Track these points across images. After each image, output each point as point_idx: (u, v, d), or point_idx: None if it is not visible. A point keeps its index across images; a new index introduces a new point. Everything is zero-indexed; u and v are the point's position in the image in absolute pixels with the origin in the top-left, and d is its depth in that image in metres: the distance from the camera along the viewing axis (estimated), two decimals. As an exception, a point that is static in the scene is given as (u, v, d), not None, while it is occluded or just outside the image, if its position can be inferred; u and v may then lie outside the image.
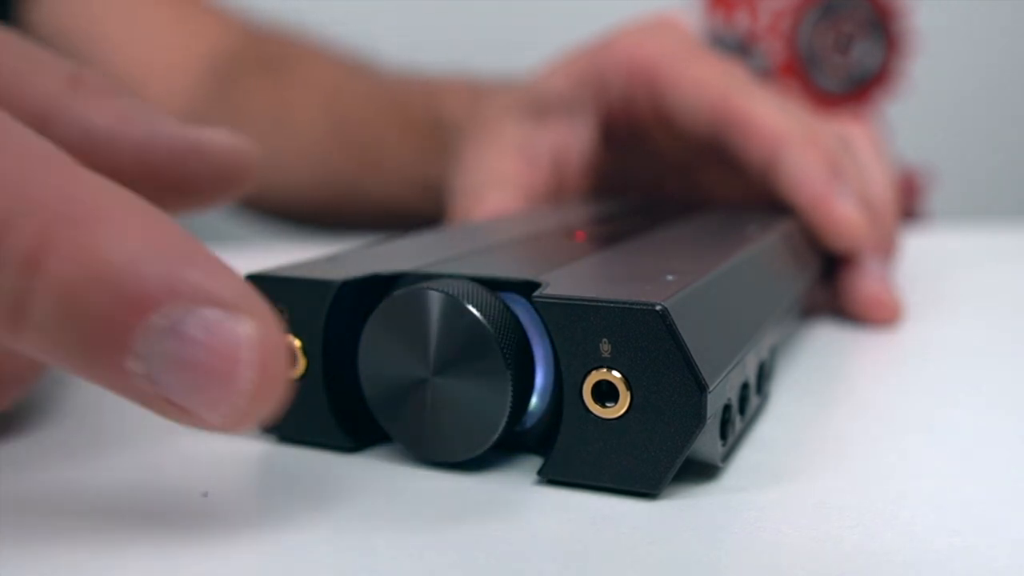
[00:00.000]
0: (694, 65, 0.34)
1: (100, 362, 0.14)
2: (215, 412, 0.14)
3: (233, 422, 0.14)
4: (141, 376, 0.14)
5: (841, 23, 0.74)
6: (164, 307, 0.13)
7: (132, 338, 0.14)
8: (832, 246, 0.31)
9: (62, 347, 0.14)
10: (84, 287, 0.13)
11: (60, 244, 0.13)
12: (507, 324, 0.18)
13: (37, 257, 0.13)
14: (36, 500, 0.17)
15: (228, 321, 0.14)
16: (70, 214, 0.14)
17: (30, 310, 0.14)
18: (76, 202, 0.14)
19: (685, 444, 0.17)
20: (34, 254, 0.13)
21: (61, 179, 0.14)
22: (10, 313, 0.14)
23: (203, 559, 0.15)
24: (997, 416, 0.23)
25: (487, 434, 0.18)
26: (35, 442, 0.20)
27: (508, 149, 0.38)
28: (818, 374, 0.26)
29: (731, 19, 0.72)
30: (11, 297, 0.14)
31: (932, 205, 0.78)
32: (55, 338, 0.14)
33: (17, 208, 0.13)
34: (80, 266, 0.13)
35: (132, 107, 0.21)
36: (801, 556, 0.15)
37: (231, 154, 0.22)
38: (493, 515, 0.17)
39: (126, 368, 0.14)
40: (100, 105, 0.20)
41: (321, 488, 0.18)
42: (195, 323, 0.14)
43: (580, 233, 0.26)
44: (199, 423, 0.14)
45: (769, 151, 0.32)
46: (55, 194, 0.14)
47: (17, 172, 0.14)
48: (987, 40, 0.78)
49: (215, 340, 0.14)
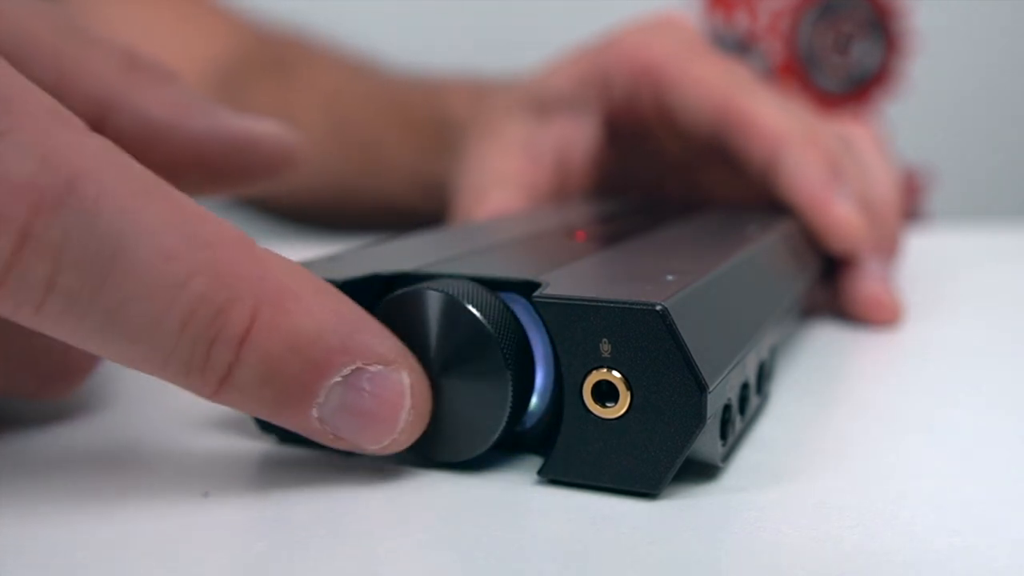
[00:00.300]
0: (697, 65, 0.34)
1: (288, 412, 0.17)
2: (376, 445, 0.17)
3: (388, 450, 0.17)
4: (323, 421, 0.17)
5: (840, 23, 0.74)
6: (343, 368, 0.16)
7: (318, 393, 0.16)
8: (831, 248, 0.31)
9: (257, 402, 0.17)
10: (282, 356, 0.16)
11: (265, 323, 0.16)
12: (507, 324, 0.18)
13: (250, 333, 0.16)
14: (36, 499, 0.17)
15: (391, 374, 0.17)
16: (270, 297, 0.16)
17: (236, 376, 0.16)
18: (271, 284, 0.16)
19: (685, 444, 0.17)
20: (245, 333, 0.16)
21: (256, 264, 0.16)
22: (220, 380, 0.16)
23: (203, 559, 0.15)
24: (997, 416, 0.23)
25: (487, 434, 0.18)
26: (35, 442, 0.20)
27: (511, 148, 0.38)
28: (818, 374, 0.26)
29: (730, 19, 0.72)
30: (223, 368, 0.16)
31: (932, 205, 0.78)
32: (253, 396, 0.16)
33: (231, 294, 0.16)
34: (280, 341, 0.16)
35: (188, 97, 0.22)
36: (801, 556, 0.15)
37: (281, 145, 0.24)
38: (493, 515, 0.17)
39: (310, 415, 0.17)
40: (157, 94, 0.22)
41: (321, 488, 0.18)
42: (366, 378, 0.17)
43: (580, 233, 0.26)
44: (358, 450, 0.17)
45: (769, 151, 0.32)
46: (256, 278, 0.16)
47: (227, 263, 0.16)
48: (987, 40, 0.78)
49: (381, 391, 0.17)
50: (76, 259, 0.15)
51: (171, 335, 0.16)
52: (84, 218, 0.15)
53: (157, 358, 0.16)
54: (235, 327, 0.16)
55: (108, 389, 0.24)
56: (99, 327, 0.15)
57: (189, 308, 0.15)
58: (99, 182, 0.15)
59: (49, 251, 0.15)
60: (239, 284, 0.16)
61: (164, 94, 0.22)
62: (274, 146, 0.23)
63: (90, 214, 0.15)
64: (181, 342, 0.16)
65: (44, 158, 0.15)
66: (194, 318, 0.16)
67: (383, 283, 0.19)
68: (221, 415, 0.22)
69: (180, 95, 0.22)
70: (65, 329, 0.16)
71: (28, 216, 0.15)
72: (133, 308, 0.15)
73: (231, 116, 0.23)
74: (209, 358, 0.16)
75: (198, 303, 0.16)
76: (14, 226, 0.15)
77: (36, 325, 0.16)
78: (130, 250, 0.15)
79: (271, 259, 0.17)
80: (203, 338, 0.16)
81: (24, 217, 0.15)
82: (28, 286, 0.15)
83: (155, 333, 0.16)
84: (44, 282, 0.15)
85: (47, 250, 0.15)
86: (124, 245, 0.15)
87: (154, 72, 0.22)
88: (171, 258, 0.15)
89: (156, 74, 0.22)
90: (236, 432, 0.21)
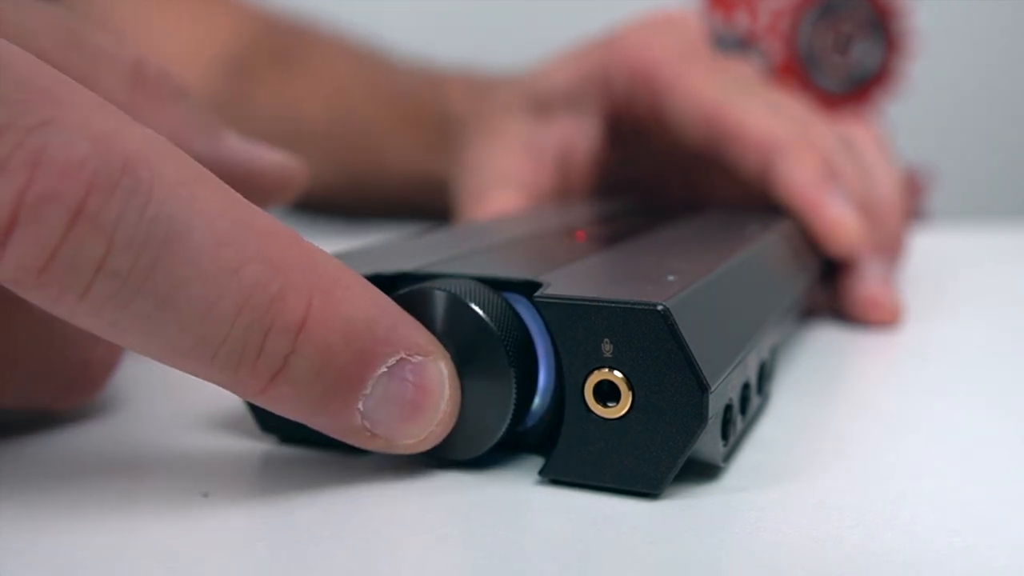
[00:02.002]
0: (692, 72, 0.34)
1: (336, 406, 0.16)
2: (412, 440, 0.17)
3: (420, 447, 0.17)
4: (364, 414, 0.17)
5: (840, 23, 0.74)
6: (388, 358, 0.16)
7: (366, 383, 0.16)
8: (829, 250, 0.31)
9: (308, 396, 0.16)
10: (336, 346, 0.16)
11: (319, 312, 0.16)
12: (511, 323, 0.18)
13: (307, 322, 0.16)
14: (36, 500, 0.17)
15: (431, 364, 0.17)
16: (323, 286, 0.16)
17: (291, 367, 0.16)
18: (322, 274, 0.16)
19: (687, 444, 0.17)
20: (302, 322, 0.16)
21: (306, 254, 0.16)
22: (273, 373, 0.16)
23: (203, 559, 0.15)
24: (997, 416, 0.23)
25: (490, 433, 0.18)
26: (35, 442, 0.20)
27: (513, 147, 0.37)
28: (818, 374, 0.26)
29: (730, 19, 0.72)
30: (279, 359, 0.16)
31: (932, 205, 0.78)
32: (306, 389, 0.16)
33: (286, 281, 0.16)
34: (335, 330, 0.16)
35: (193, 116, 0.22)
36: (801, 556, 0.16)
37: (284, 172, 0.24)
38: (494, 515, 0.17)
39: (355, 410, 0.17)
40: (163, 112, 0.21)
41: (321, 488, 0.18)
42: (409, 368, 0.17)
43: (581, 233, 0.26)
44: (387, 448, 0.17)
45: (762, 158, 0.32)
46: (308, 268, 0.16)
47: (279, 251, 0.16)
48: (987, 40, 0.78)
49: (424, 380, 0.17)
50: (129, 241, 0.15)
51: (224, 323, 0.15)
52: (138, 200, 0.15)
53: (207, 349, 0.15)
54: (292, 315, 0.16)
55: (108, 390, 0.24)
56: (147, 314, 0.15)
57: (244, 295, 0.15)
58: (152, 167, 0.15)
59: (102, 231, 0.14)
60: (293, 272, 0.16)
61: (171, 113, 0.21)
62: (277, 173, 0.24)
63: (144, 196, 0.15)
64: (234, 330, 0.15)
65: (97, 141, 0.15)
66: (249, 305, 0.15)
67: (386, 282, 0.19)
68: (221, 415, 0.22)
69: (186, 114, 0.22)
70: (107, 318, 0.15)
71: (82, 195, 0.14)
72: (185, 293, 0.15)
73: (236, 140, 0.23)
74: (263, 348, 0.16)
75: (253, 289, 0.15)
76: (66, 204, 0.14)
77: (76, 314, 0.15)
78: (184, 234, 0.15)
79: (317, 251, 0.17)
80: (258, 326, 0.15)
81: (78, 196, 0.14)
82: (77, 268, 0.15)
83: (207, 320, 0.15)
84: (95, 264, 0.15)
85: (100, 230, 0.14)
86: (178, 229, 0.15)
87: (161, 87, 0.22)
88: (225, 244, 0.15)
89: (164, 90, 0.22)
90: (236, 432, 0.21)
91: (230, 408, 0.22)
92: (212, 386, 0.16)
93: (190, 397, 0.16)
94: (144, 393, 0.23)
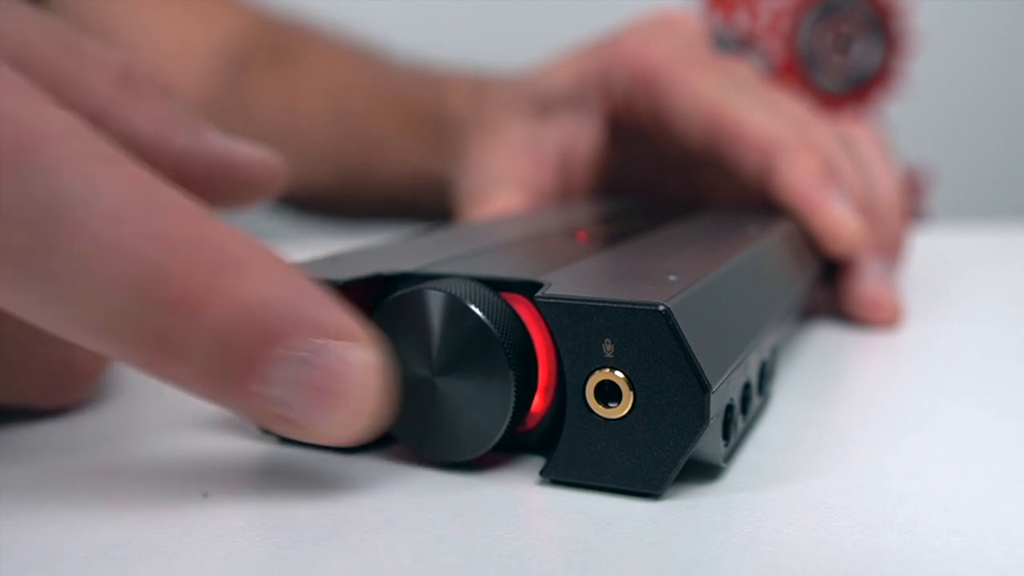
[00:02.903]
0: (692, 73, 0.34)
1: (233, 387, 0.16)
2: (328, 425, 0.16)
3: (339, 434, 0.16)
4: (268, 398, 0.16)
5: (840, 23, 0.74)
6: (291, 339, 0.16)
7: (263, 365, 0.16)
8: (829, 250, 0.31)
9: (204, 375, 0.16)
10: (236, 326, 0.15)
11: (219, 291, 0.15)
12: (510, 324, 0.18)
13: (204, 301, 0.15)
14: (36, 499, 0.17)
15: (340, 348, 0.16)
16: (224, 265, 0.16)
17: (188, 346, 0.15)
18: (224, 252, 0.16)
19: (688, 444, 0.17)
20: (201, 298, 0.15)
21: (210, 233, 0.16)
22: (172, 351, 0.16)
23: (203, 559, 0.15)
24: (997, 416, 0.23)
25: (490, 434, 0.18)
26: (36, 442, 0.20)
27: (514, 147, 0.37)
28: (818, 374, 0.26)
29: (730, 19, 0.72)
30: (176, 336, 0.15)
31: (932, 205, 0.78)
32: (202, 368, 0.16)
33: (186, 260, 0.15)
34: (235, 309, 0.15)
35: (176, 113, 0.22)
36: (801, 556, 0.16)
37: (263, 167, 0.24)
38: (495, 515, 0.17)
39: (252, 391, 0.16)
40: (147, 109, 0.22)
41: (321, 488, 0.18)
42: (315, 350, 0.16)
43: (581, 233, 0.26)
44: (308, 436, 0.16)
45: (761, 159, 0.32)
46: (210, 246, 0.16)
47: (181, 229, 0.16)
48: (987, 40, 0.78)
49: (332, 363, 0.16)
50: (26, 217, 0.15)
51: (121, 299, 0.15)
52: (39, 178, 0.15)
53: (105, 325, 0.15)
54: (188, 293, 0.15)
55: (108, 389, 0.24)
56: (43, 290, 0.15)
57: (141, 272, 0.15)
58: (57, 147, 0.15)
59: None
60: (193, 251, 0.15)
61: (154, 110, 0.22)
62: (256, 168, 0.24)
63: (45, 174, 0.15)
64: (131, 307, 0.15)
65: None
66: (147, 282, 0.15)
67: (385, 283, 0.19)
68: (221, 415, 0.22)
69: (170, 111, 0.22)
70: (7, 293, 0.15)
71: None
72: (82, 268, 0.15)
73: (216, 136, 0.23)
74: (160, 327, 0.15)
75: (151, 267, 0.15)
76: None
77: None
78: (81, 210, 0.15)
79: (224, 229, 0.16)
80: (155, 304, 0.15)
81: None
82: None
83: (105, 296, 0.15)
84: None
85: None
86: (75, 205, 0.15)
87: (147, 87, 0.22)
88: (123, 220, 0.15)
89: (149, 89, 0.22)
90: (236, 432, 0.21)
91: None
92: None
93: (190, 397, 0.16)
94: (144, 393, 0.23)
